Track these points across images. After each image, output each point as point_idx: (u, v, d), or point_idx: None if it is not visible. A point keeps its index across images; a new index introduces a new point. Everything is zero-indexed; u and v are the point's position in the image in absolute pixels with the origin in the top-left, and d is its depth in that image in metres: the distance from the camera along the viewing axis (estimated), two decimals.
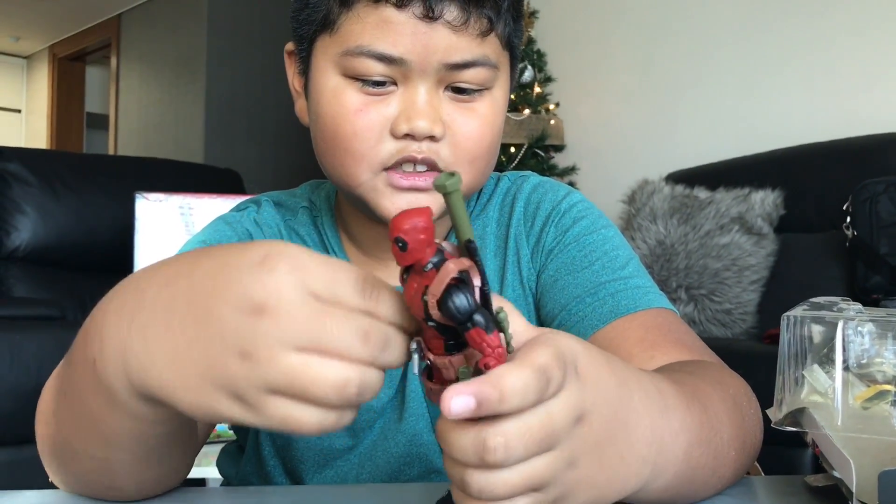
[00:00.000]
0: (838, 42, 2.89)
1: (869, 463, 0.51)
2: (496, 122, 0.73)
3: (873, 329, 0.56)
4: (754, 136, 3.01)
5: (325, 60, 0.70)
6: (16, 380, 2.10)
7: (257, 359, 0.39)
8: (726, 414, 0.57)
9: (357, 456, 0.77)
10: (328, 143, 0.71)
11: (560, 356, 0.40)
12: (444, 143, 0.70)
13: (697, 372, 0.61)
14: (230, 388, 0.40)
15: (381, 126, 0.68)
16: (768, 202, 2.59)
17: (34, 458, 0.62)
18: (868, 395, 0.55)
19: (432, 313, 0.39)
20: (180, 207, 2.47)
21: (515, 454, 0.39)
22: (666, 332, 0.70)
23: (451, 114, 0.70)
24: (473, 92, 0.70)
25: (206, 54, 5.28)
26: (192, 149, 5.26)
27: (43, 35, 7.40)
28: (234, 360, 0.39)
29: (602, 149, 3.58)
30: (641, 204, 2.77)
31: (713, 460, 0.55)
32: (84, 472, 0.56)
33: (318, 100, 0.71)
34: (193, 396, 0.41)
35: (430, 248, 0.39)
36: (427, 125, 0.68)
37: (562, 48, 3.70)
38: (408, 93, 0.68)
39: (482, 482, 0.39)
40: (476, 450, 0.39)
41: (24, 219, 3.09)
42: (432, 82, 0.69)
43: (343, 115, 0.69)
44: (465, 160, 0.71)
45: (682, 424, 0.51)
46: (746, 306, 2.55)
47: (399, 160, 0.69)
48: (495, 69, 0.71)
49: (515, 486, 0.39)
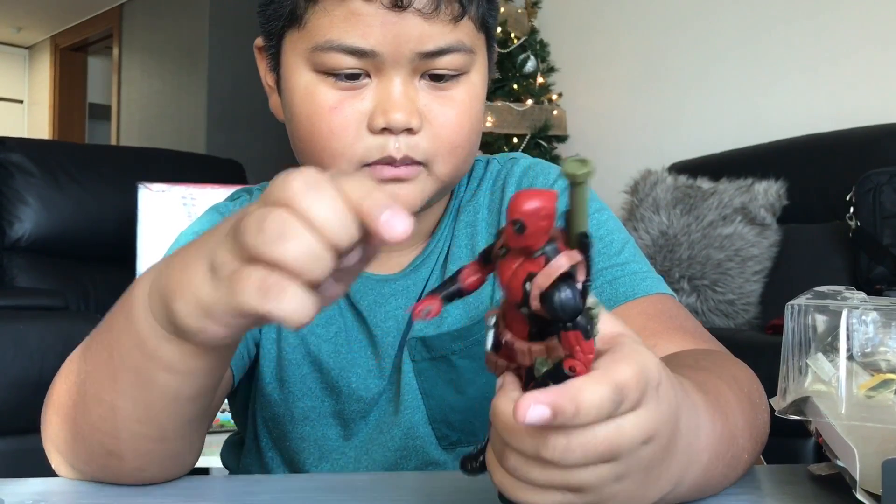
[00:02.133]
0: (841, 32, 2.88)
1: (873, 451, 0.51)
2: (474, 108, 0.71)
3: (877, 318, 0.56)
4: (757, 127, 3.00)
5: (295, 56, 0.69)
6: (19, 370, 2.10)
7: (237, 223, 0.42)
8: (743, 417, 0.56)
9: (353, 449, 0.77)
10: (305, 142, 0.70)
11: (643, 376, 0.39)
12: (423, 135, 0.68)
13: (713, 369, 0.60)
14: (209, 258, 0.43)
15: (357, 122, 0.67)
16: (771, 192, 2.59)
17: (37, 447, 0.62)
18: (872, 384, 0.55)
19: (532, 303, 0.37)
20: (182, 198, 2.47)
21: (572, 459, 0.38)
22: (667, 320, 0.70)
23: (429, 104, 0.69)
24: (450, 78, 0.69)
25: (208, 44, 5.27)
26: (195, 139, 5.25)
27: (45, 25, 7.39)
28: (246, 219, 0.41)
29: (605, 139, 3.57)
30: (644, 194, 2.77)
31: (728, 469, 0.54)
32: (91, 429, 0.56)
33: (292, 98, 0.70)
34: (178, 272, 0.46)
35: (546, 236, 0.37)
36: (404, 118, 0.66)
37: (564, 38, 3.68)
38: (382, 85, 0.67)
39: (522, 465, 0.39)
40: (534, 441, 0.38)
41: (27, 209, 3.09)
42: (406, 72, 0.67)
43: (318, 113, 0.68)
44: (445, 150, 0.70)
45: (708, 442, 0.50)
46: (749, 297, 2.54)
47: (379, 159, 0.68)
48: (471, 53, 0.69)
49: (554, 482, 0.39)
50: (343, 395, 0.76)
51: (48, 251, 3.14)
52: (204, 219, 0.79)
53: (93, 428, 0.56)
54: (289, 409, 0.76)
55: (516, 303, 0.38)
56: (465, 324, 0.77)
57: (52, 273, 3.10)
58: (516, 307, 0.39)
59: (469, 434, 0.78)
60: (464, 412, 0.77)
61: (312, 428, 0.77)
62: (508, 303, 0.40)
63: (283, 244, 0.38)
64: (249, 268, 0.40)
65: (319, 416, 0.77)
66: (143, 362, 0.51)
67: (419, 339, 0.76)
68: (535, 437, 0.38)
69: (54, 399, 0.60)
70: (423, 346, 0.76)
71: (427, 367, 0.77)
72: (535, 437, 0.38)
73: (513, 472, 0.39)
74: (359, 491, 0.60)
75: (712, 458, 0.51)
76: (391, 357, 0.76)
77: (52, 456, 0.62)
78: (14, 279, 3.05)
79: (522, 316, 0.39)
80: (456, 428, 0.77)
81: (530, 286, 0.37)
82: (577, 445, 0.38)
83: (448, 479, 0.63)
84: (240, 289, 0.40)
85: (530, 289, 0.37)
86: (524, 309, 0.38)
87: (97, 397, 0.54)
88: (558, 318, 0.37)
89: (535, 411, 0.36)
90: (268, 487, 0.62)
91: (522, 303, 0.38)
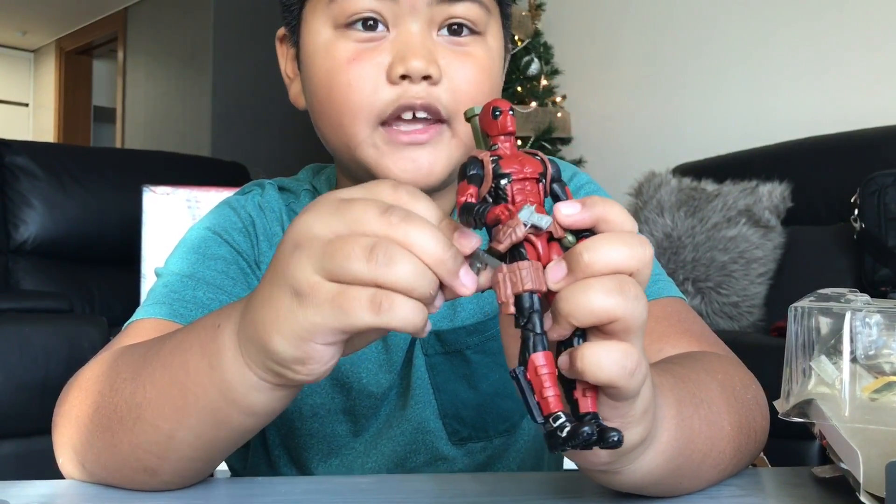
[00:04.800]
0: (846, 35, 2.87)
1: (876, 454, 0.51)
2: (494, 68, 0.72)
3: (881, 320, 0.56)
4: (762, 129, 3.00)
5: (315, 18, 0.70)
6: (24, 372, 2.11)
7: (306, 242, 0.44)
8: (714, 390, 0.57)
9: (362, 444, 0.77)
10: (323, 102, 0.70)
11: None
12: (443, 88, 0.68)
13: (682, 361, 0.62)
14: (295, 282, 0.43)
15: (375, 73, 0.67)
16: (776, 195, 2.58)
17: (42, 449, 0.62)
18: (876, 387, 0.55)
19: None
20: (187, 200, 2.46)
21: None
22: (675, 323, 0.70)
23: (447, 58, 0.69)
24: (467, 34, 0.69)
25: (212, 47, 5.28)
26: (199, 142, 5.27)
27: (50, 29, 7.41)
28: (292, 254, 0.44)
29: (609, 141, 3.57)
30: (648, 196, 2.77)
31: (708, 427, 0.55)
32: (134, 447, 0.55)
33: (312, 61, 0.71)
34: (270, 309, 0.45)
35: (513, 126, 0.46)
36: (423, 64, 0.66)
37: (568, 40, 3.69)
38: (401, 35, 0.68)
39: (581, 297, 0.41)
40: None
41: (32, 212, 3.10)
42: (424, 22, 0.68)
43: (336, 67, 0.68)
44: (467, 106, 0.70)
45: (661, 381, 0.51)
46: (753, 299, 2.54)
47: (397, 108, 0.67)
48: (487, 11, 0.70)
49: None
50: (353, 391, 0.76)
51: (53, 254, 3.15)
52: (216, 213, 0.79)
53: (136, 447, 0.55)
54: (297, 406, 0.76)
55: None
56: (480, 318, 0.77)
57: (57, 276, 3.11)
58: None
59: (480, 430, 0.78)
60: (476, 408, 0.77)
61: (321, 424, 0.77)
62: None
63: (394, 268, 0.41)
64: (357, 288, 0.42)
65: (329, 413, 0.77)
66: (223, 406, 0.51)
67: (433, 333, 0.76)
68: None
69: (71, 406, 0.60)
70: (437, 341, 0.76)
71: (440, 362, 0.76)
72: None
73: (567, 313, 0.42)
74: (364, 493, 0.60)
75: (682, 402, 0.52)
76: (402, 350, 0.76)
77: (62, 454, 0.61)
78: (19, 282, 3.06)
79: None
80: (467, 423, 0.77)
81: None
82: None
83: (455, 481, 0.64)
84: (350, 308, 0.42)
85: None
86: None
87: (154, 424, 0.54)
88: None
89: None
90: (270, 490, 0.62)
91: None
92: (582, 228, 0.43)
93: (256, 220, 0.78)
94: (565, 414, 0.40)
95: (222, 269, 0.74)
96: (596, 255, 0.41)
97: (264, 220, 0.79)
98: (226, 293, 0.72)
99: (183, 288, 0.71)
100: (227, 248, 0.75)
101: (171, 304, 0.70)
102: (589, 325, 0.42)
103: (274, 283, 0.45)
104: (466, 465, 0.78)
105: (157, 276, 0.76)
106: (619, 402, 0.43)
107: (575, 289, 0.41)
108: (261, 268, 0.77)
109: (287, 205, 0.81)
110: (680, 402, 0.52)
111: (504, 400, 0.77)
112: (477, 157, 0.44)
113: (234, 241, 0.76)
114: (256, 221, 0.78)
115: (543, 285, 0.42)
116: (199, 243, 0.75)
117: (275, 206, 0.80)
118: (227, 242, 0.76)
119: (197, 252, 0.75)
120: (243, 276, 0.75)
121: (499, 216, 0.42)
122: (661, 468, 0.50)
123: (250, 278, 0.76)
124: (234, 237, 0.76)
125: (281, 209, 0.80)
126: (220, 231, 0.76)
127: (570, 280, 0.41)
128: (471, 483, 0.63)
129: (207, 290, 0.71)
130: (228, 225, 0.77)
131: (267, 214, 0.79)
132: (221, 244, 0.76)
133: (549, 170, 0.45)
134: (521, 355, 0.42)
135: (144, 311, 0.70)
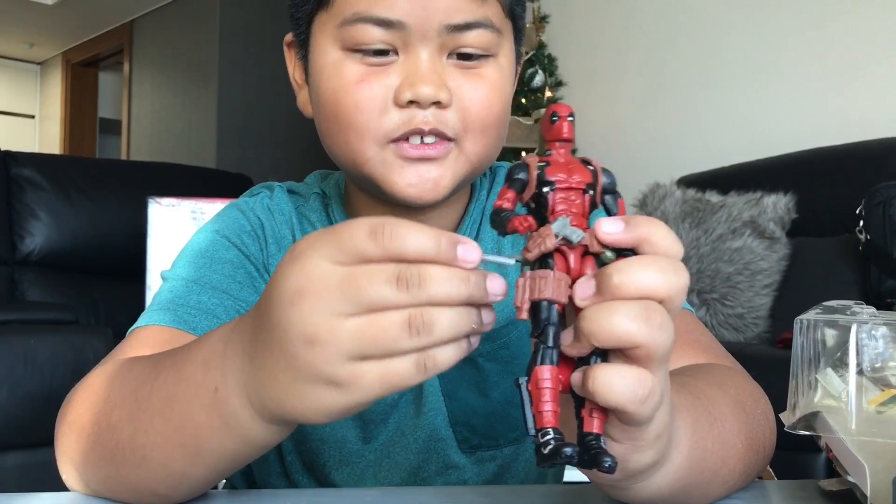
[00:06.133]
0: (850, 46, 2.88)
1: (883, 467, 0.51)
2: (505, 88, 0.70)
3: (887, 332, 0.56)
4: (766, 140, 3.00)
5: (324, 37, 0.69)
6: (30, 384, 2.11)
7: (321, 339, 0.41)
8: (727, 407, 0.57)
9: (373, 452, 0.76)
10: (331, 121, 0.69)
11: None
12: (452, 111, 0.67)
13: (697, 374, 0.61)
14: (318, 376, 0.42)
15: (383, 96, 0.66)
16: (780, 206, 2.58)
17: (48, 461, 0.62)
18: (882, 399, 0.55)
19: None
20: (192, 212, 2.48)
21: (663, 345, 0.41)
22: (682, 335, 0.70)
23: (457, 80, 0.67)
24: (478, 57, 0.68)
25: (217, 60, 5.30)
26: (205, 154, 5.28)
27: (56, 41, 7.45)
28: (304, 350, 0.42)
29: (613, 152, 3.57)
30: (653, 208, 2.77)
31: (721, 447, 0.54)
32: (143, 479, 0.55)
33: (319, 78, 0.70)
34: (300, 401, 0.44)
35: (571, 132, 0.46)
36: (431, 91, 0.65)
37: (573, 52, 3.69)
38: (410, 60, 0.66)
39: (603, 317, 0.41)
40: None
41: (38, 224, 3.11)
42: (434, 48, 0.67)
43: (344, 87, 0.67)
44: (477, 127, 0.68)
45: (680, 401, 0.51)
46: (759, 310, 2.53)
47: (405, 133, 0.66)
48: (498, 33, 0.69)
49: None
50: None
51: (59, 265, 3.15)
52: (224, 215, 0.79)
53: (146, 480, 0.55)
54: None
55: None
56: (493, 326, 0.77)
57: (63, 287, 3.12)
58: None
59: (490, 438, 0.77)
60: (487, 416, 0.77)
61: (332, 429, 0.76)
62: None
63: (436, 333, 0.41)
64: (399, 360, 0.41)
65: None
66: (243, 448, 0.51)
67: None
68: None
69: (74, 419, 0.60)
70: None
71: (452, 369, 0.76)
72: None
73: (589, 331, 0.41)
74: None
75: (697, 421, 0.52)
76: None
77: (65, 469, 0.61)
78: (25, 293, 3.07)
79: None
80: (477, 431, 0.77)
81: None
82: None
83: (459, 494, 0.63)
84: (399, 380, 0.42)
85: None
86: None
87: (164, 465, 0.54)
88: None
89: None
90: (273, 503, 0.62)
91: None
92: (623, 247, 0.42)
93: (265, 223, 0.78)
94: (555, 431, 0.40)
95: (229, 273, 0.73)
96: (627, 277, 0.40)
97: (273, 223, 0.78)
98: (232, 297, 0.72)
99: (188, 293, 0.71)
100: (235, 252, 0.75)
101: (176, 311, 0.69)
102: (609, 348, 0.41)
103: (298, 377, 0.43)
104: (476, 473, 0.78)
105: (162, 279, 0.75)
106: (630, 427, 0.43)
107: (600, 309, 0.40)
108: (269, 271, 0.76)
109: (296, 207, 0.81)
110: (696, 422, 0.52)
111: (515, 408, 0.77)
112: (524, 162, 0.44)
113: (242, 244, 0.76)
114: (265, 224, 0.78)
115: (564, 297, 0.41)
116: (207, 247, 0.75)
117: (284, 208, 0.80)
118: (235, 246, 0.75)
119: (204, 256, 0.74)
120: (250, 280, 0.75)
121: (517, 227, 0.42)
122: (671, 487, 0.50)
123: (258, 282, 0.75)
124: (243, 240, 0.76)
125: (290, 212, 0.80)
126: (229, 234, 0.76)
127: (598, 299, 0.41)
128: (475, 497, 0.62)
129: (213, 294, 0.71)
130: (237, 228, 0.77)
131: (276, 217, 0.79)
132: (229, 247, 0.75)
133: (600, 181, 0.44)
134: (529, 365, 0.42)
135: (149, 318, 0.70)
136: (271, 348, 0.44)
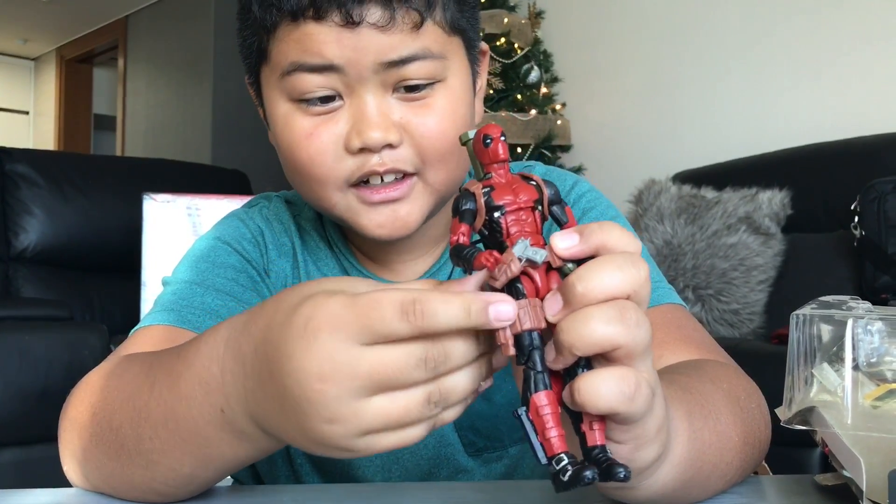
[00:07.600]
0: (845, 41, 2.88)
1: (879, 462, 0.51)
2: (457, 112, 0.69)
3: (883, 327, 0.56)
4: (761, 136, 3.00)
5: (271, 89, 0.69)
6: (24, 380, 2.11)
7: (342, 419, 0.41)
8: (721, 402, 0.57)
9: (381, 458, 0.77)
10: (290, 171, 0.71)
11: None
12: (405, 147, 0.67)
13: (687, 370, 0.61)
14: (335, 446, 0.43)
15: (334, 146, 0.67)
16: (776, 202, 2.58)
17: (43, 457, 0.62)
18: (878, 394, 0.55)
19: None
20: (188, 208, 2.47)
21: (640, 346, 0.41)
22: (675, 330, 0.70)
23: (405, 115, 0.67)
24: (424, 87, 0.67)
25: (213, 55, 5.29)
26: (200, 150, 5.27)
27: (50, 37, 7.43)
28: (324, 426, 0.42)
29: (609, 149, 3.58)
30: (648, 204, 2.77)
31: (718, 439, 0.54)
32: (149, 480, 0.55)
33: (275, 130, 0.70)
34: (309, 447, 0.44)
35: (505, 154, 0.44)
36: (380, 135, 0.65)
37: (568, 48, 3.69)
38: (354, 105, 0.66)
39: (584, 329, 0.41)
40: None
41: (33, 220, 3.10)
42: (376, 86, 0.66)
43: (296, 141, 0.67)
44: (434, 158, 0.68)
45: (670, 394, 0.51)
46: (754, 306, 2.54)
47: (362, 175, 0.67)
48: (441, 59, 0.67)
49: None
50: None
51: (53, 262, 3.15)
52: (224, 224, 0.80)
53: (152, 480, 0.55)
54: None
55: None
56: None
57: (58, 284, 3.11)
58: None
59: (495, 440, 0.78)
60: (490, 419, 0.77)
61: None
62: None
63: (454, 396, 0.42)
64: (413, 427, 0.42)
65: None
66: (247, 453, 0.51)
67: None
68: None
69: (75, 416, 0.60)
70: None
71: None
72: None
73: (568, 345, 0.41)
74: (365, 501, 0.60)
75: (693, 415, 0.52)
76: None
77: (67, 463, 0.61)
78: (19, 290, 3.06)
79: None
80: (482, 434, 0.77)
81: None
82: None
83: (456, 489, 0.63)
84: (409, 441, 0.43)
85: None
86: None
87: (171, 468, 0.54)
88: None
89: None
90: (274, 500, 0.62)
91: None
92: (581, 258, 0.42)
93: (265, 231, 0.79)
94: (568, 456, 0.40)
95: (232, 277, 0.74)
96: (590, 283, 0.40)
97: (272, 231, 0.80)
98: (235, 300, 0.72)
99: (192, 295, 0.71)
100: (237, 257, 0.76)
101: (180, 311, 0.70)
102: (591, 354, 0.41)
103: (312, 444, 0.44)
104: (485, 475, 0.78)
105: (164, 285, 0.76)
106: (629, 426, 0.43)
107: (574, 319, 0.40)
108: (269, 276, 0.77)
109: (293, 217, 0.82)
110: (690, 414, 0.52)
111: None
112: (469, 191, 0.43)
113: (243, 250, 0.77)
114: (265, 232, 0.79)
115: (542, 322, 0.41)
116: (208, 252, 0.76)
117: (283, 217, 0.81)
118: (237, 251, 0.76)
119: (206, 261, 0.75)
120: (253, 285, 0.75)
121: (484, 263, 0.41)
122: (674, 481, 0.50)
123: (260, 286, 0.76)
124: (244, 246, 0.77)
125: (288, 221, 0.81)
126: (230, 240, 0.77)
127: (568, 312, 0.41)
128: (472, 492, 0.63)
129: (217, 296, 0.72)
130: (237, 235, 0.78)
131: (275, 226, 0.80)
132: (231, 253, 0.76)
133: (545, 194, 0.44)
134: (524, 395, 0.41)
135: (152, 318, 0.70)
136: (286, 414, 0.43)
